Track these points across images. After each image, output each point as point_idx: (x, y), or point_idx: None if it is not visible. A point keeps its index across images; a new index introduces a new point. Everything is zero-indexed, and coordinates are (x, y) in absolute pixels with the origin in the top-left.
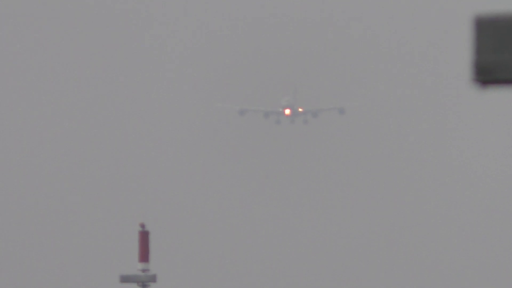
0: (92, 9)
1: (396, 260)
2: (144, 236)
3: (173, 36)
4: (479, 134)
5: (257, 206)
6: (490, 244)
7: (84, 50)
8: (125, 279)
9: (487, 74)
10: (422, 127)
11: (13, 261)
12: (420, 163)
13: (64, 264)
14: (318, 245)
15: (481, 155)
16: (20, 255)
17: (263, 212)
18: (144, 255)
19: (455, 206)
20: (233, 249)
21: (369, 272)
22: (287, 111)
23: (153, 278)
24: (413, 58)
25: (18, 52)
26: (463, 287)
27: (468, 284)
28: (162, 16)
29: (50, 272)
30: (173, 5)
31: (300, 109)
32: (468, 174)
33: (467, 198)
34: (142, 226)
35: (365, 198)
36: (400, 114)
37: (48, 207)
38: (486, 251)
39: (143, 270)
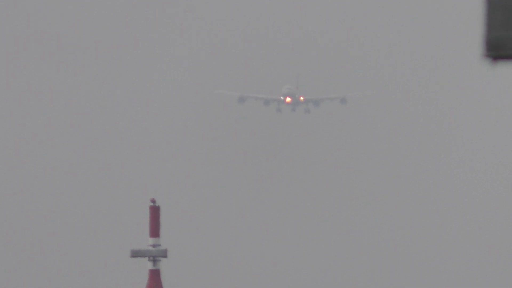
0: (93, 2)
1: (397, 255)
2: (155, 211)
3: (174, 23)
4: (487, 116)
5: (257, 192)
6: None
7: (90, 42)
8: (136, 253)
9: (498, 49)
10: (427, 115)
11: (30, 236)
12: (425, 154)
13: (76, 239)
14: (317, 232)
15: (489, 145)
16: (35, 233)
17: (264, 197)
18: (155, 230)
19: (462, 200)
20: (240, 227)
21: (370, 268)
22: (288, 99)
23: (164, 253)
24: (421, 42)
25: (19, 53)
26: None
27: (468, 285)
28: (165, 4)
29: (62, 247)
30: None
31: (301, 98)
32: (477, 162)
33: (474, 189)
34: (153, 201)
35: (367, 190)
36: (405, 104)
37: (62, 184)
38: (496, 247)
39: (154, 245)
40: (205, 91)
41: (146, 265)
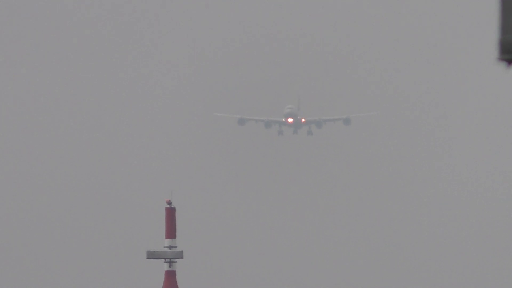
0: (96, 15)
1: (400, 267)
2: (170, 213)
3: (172, 42)
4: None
5: (269, 199)
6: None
7: (88, 62)
8: (151, 255)
9: None
10: (435, 137)
11: (45, 237)
12: (432, 176)
13: (92, 241)
14: (320, 258)
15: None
16: (50, 234)
17: (275, 205)
18: (171, 232)
19: (470, 224)
20: (254, 231)
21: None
22: (290, 120)
23: (180, 255)
24: (428, 59)
25: (21, 58)
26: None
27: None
28: (164, 24)
29: (79, 248)
30: (176, 13)
31: (303, 120)
32: (486, 187)
33: (484, 209)
34: (169, 202)
35: (372, 212)
36: (411, 125)
37: (79, 186)
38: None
39: (170, 247)
40: (204, 113)
41: (162, 266)
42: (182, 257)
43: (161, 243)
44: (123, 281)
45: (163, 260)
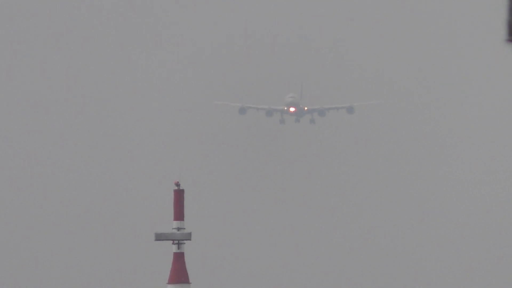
0: (95, 7)
1: (402, 261)
2: (179, 194)
3: (173, 32)
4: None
5: (274, 185)
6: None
7: (89, 50)
8: (160, 237)
9: None
10: (439, 126)
11: (58, 219)
12: (435, 165)
13: (102, 223)
14: (321, 244)
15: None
16: (63, 216)
17: (279, 193)
18: (179, 214)
19: (472, 213)
20: (261, 217)
21: (373, 274)
22: (292, 109)
23: (188, 236)
24: (431, 47)
25: (23, 61)
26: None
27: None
28: (165, 13)
29: (88, 230)
30: (179, 3)
31: (305, 108)
32: (489, 172)
33: (483, 199)
34: (177, 184)
35: (375, 202)
36: (415, 113)
37: (89, 169)
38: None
39: (178, 228)
40: (205, 102)
41: (170, 248)
42: (190, 239)
43: (170, 225)
44: (132, 263)
45: (172, 241)
